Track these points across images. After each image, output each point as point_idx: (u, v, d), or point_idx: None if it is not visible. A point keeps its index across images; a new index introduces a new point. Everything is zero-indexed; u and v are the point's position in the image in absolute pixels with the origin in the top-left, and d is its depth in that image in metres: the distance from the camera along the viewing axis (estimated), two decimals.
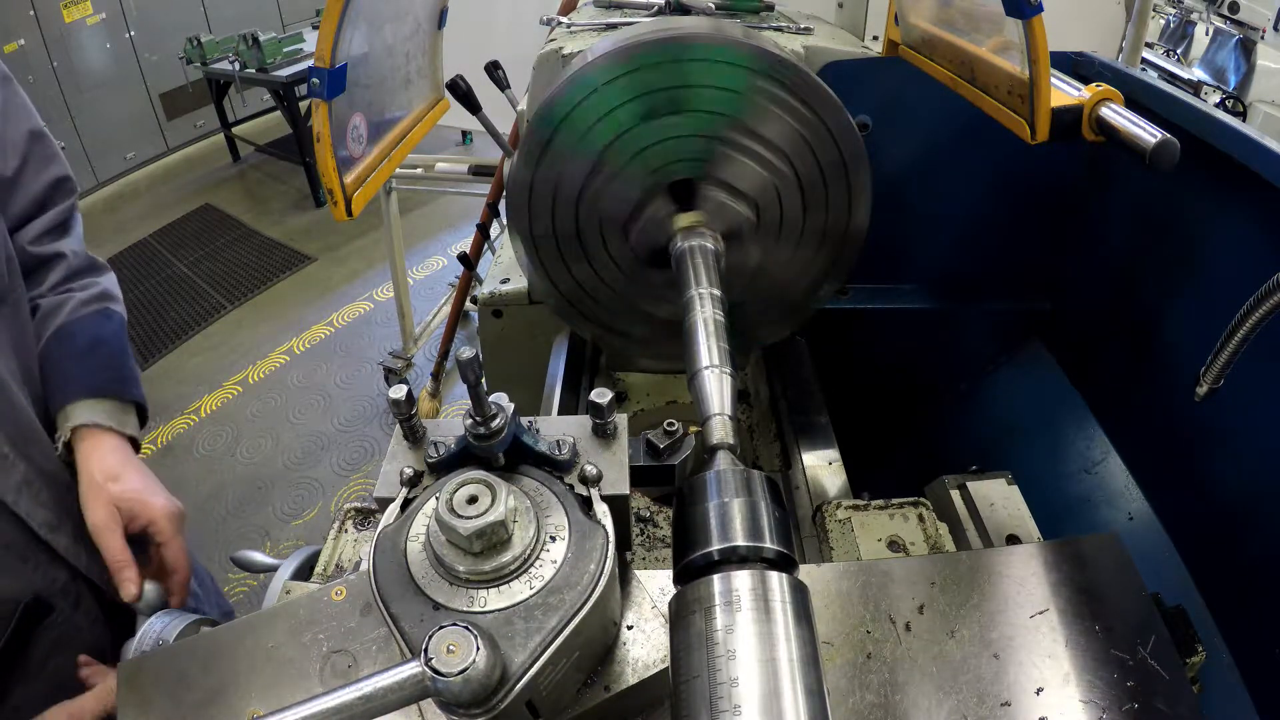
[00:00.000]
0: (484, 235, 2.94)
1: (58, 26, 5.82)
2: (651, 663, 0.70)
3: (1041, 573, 0.83)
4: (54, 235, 1.15)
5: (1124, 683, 0.73)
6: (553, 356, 1.56)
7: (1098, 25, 2.59)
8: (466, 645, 0.51)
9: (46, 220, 1.13)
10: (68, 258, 1.15)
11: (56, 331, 1.09)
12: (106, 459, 1.04)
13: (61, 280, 1.14)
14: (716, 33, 1.08)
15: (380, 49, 1.21)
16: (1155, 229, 1.47)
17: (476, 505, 0.60)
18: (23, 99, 1.11)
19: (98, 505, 1.00)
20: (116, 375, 1.11)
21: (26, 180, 1.10)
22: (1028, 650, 0.77)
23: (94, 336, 1.11)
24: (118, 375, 1.11)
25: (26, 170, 1.10)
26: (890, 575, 0.85)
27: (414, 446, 0.73)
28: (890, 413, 1.94)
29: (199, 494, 3.59)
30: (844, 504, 1.12)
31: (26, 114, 1.11)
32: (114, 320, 1.16)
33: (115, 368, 1.11)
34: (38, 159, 1.12)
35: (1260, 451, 1.22)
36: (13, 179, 1.08)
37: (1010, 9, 0.97)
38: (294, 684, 0.72)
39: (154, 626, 0.87)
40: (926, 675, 0.76)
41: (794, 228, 1.21)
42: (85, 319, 1.12)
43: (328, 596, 0.77)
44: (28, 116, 1.11)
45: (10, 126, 1.08)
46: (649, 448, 0.79)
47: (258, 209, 6.35)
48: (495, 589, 0.61)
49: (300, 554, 1.01)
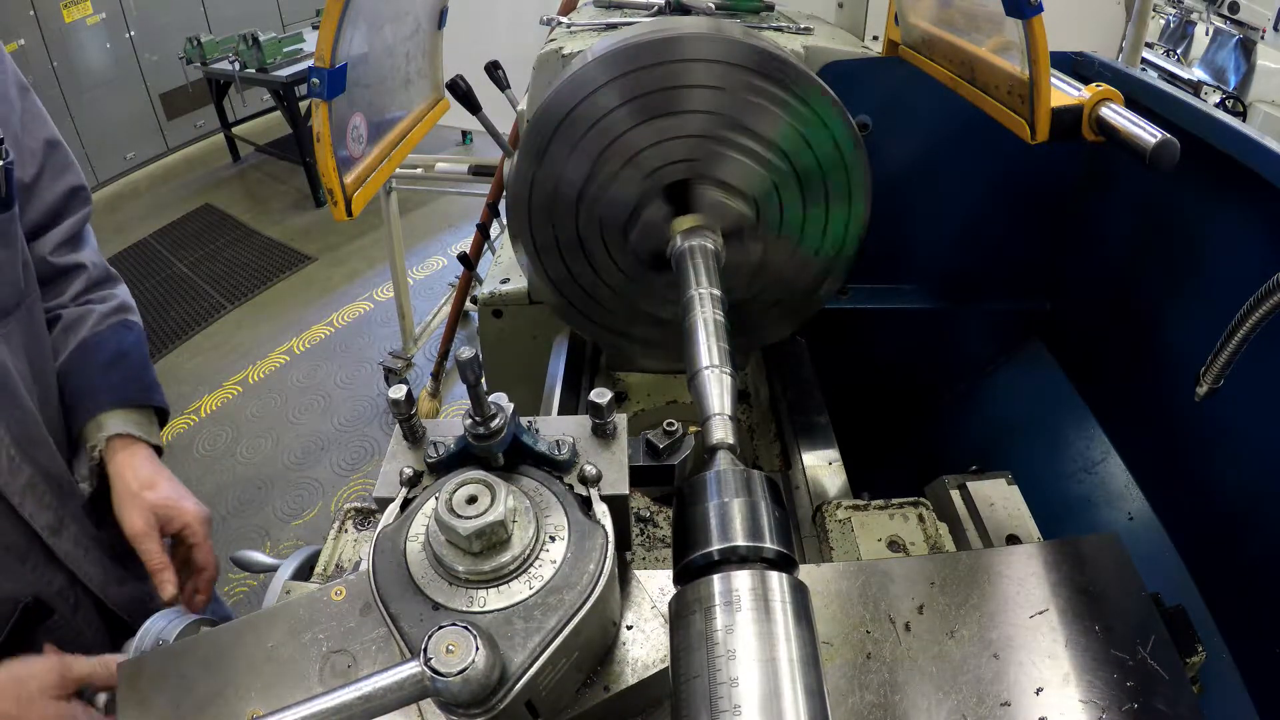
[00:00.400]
0: (484, 235, 2.94)
1: (58, 26, 5.83)
2: (651, 663, 0.70)
3: (1041, 573, 0.83)
4: (71, 246, 1.17)
5: (1124, 683, 0.73)
6: (553, 356, 1.56)
7: (1098, 25, 2.59)
8: (466, 645, 0.51)
9: (63, 230, 1.16)
10: (88, 269, 1.18)
11: (81, 345, 1.12)
12: (141, 468, 1.08)
13: (82, 291, 1.17)
14: (706, 31, 1.08)
15: (380, 49, 1.21)
16: (1155, 229, 1.48)
17: (476, 505, 0.60)
18: (40, 108, 1.13)
19: (135, 513, 1.04)
20: (141, 385, 1.15)
21: (43, 188, 1.12)
22: (1027, 650, 0.77)
23: (117, 349, 1.15)
24: (142, 385, 1.16)
25: (43, 178, 1.12)
26: (890, 575, 0.85)
27: (414, 446, 0.73)
28: (890, 412, 1.94)
29: (199, 494, 3.51)
30: (844, 504, 1.12)
31: (43, 123, 1.13)
32: (134, 331, 1.20)
33: (139, 378, 1.16)
34: (54, 167, 1.14)
35: (1260, 451, 1.22)
36: (30, 185, 1.10)
37: (1010, 9, 0.97)
38: (294, 684, 0.72)
39: (155, 626, 0.87)
40: (926, 675, 0.75)
41: (794, 222, 1.21)
42: (107, 332, 1.15)
43: (327, 596, 0.77)
44: (44, 125, 1.13)
45: (28, 135, 1.09)
46: (649, 448, 0.79)
47: (258, 209, 6.35)
48: (495, 589, 0.61)
49: (300, 554, 1.02)
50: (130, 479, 1.06)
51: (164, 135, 6.99)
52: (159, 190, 6.74)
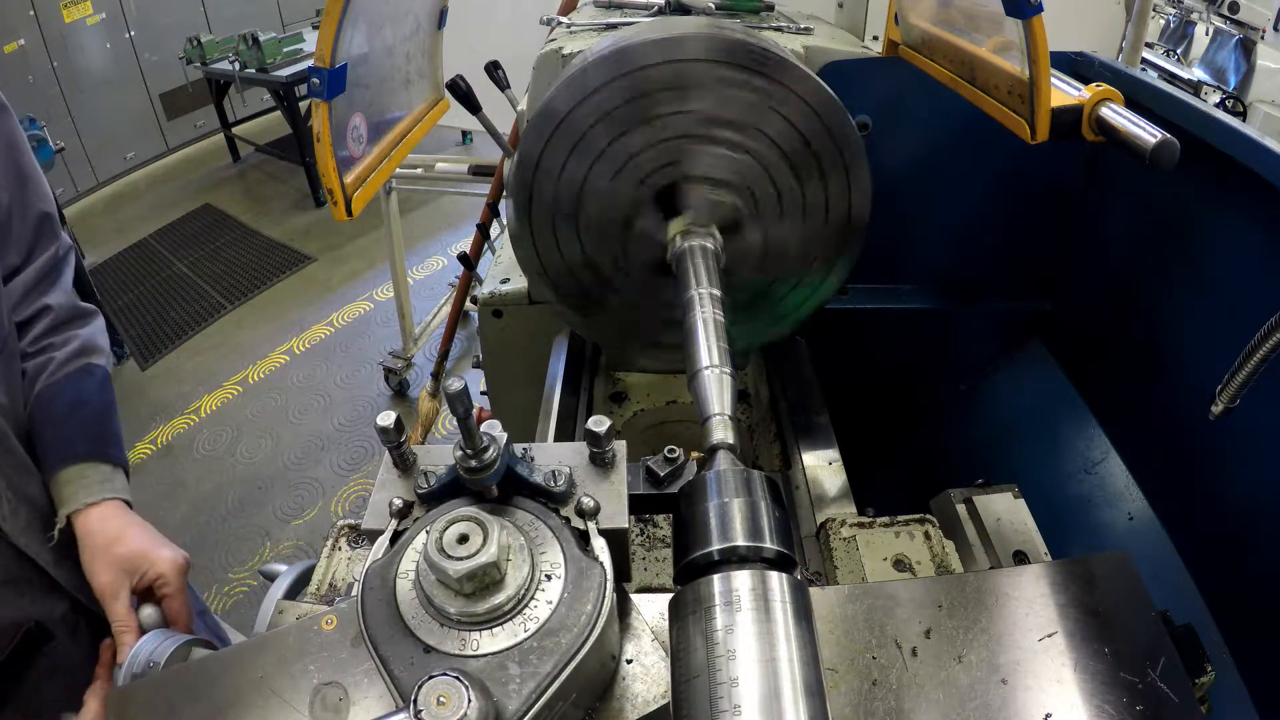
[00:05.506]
0: (484, 235, 2.93)
1: (58, 26, 5.81)
2: (652, 698, 0.67)
3: (1049, 594, 0.81)
4: (40, 290, 1.12)
5: (1133, 706, 0.72)
6: (553, 356, 1.56)
7: (1098, 25, 2.59)
8: (457, 697, 0.50)
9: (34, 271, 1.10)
10: (53, 310, 1.12)
11: (37, 397, 1.07)
12: (107, 523, 1.03)
13: (43, 334, 1.11)
14: (659, 34, 1.08)
15: (380, 49, 1.21)
16: (1155, 229, 1.47)
17: (467, 545, 0.57)
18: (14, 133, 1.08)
19: (103, 570, 1.00)
20: (98, 436, 1.08)
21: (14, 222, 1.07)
22: (1035, 675, 0.75)
23: (74, 398, 1.08)
24: (99, 436, 1.08)
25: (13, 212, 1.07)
26: (896, 598, 0.83)
27: (404, 475, 0.71)
28: (890, 413, 1.94)
29: (199, 494, 3.59)
30: (849, 521, 1.11)
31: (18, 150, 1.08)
32: (95, 376, 1.13)
33: (95, 430, 1.09)
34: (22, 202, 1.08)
35: (1260, 451, 1.22)
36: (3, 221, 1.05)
37: (1010, 9, 0.96)
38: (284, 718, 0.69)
39: (145, 647, 0.85)
40: (933, 702, 0.74)
41: (794, 202, 1.19)
42: (63, 381, 1.09)
43: (318, 625, 0.74)
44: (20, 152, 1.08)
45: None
46: (649, 475, 0.76)
47: (258, 209, 6.35)
48: (488, 631, 0.58)
49: (292, 572, 1.01)
50: (97, 539, 1.02)
51: (164, 135, 6.98)
52: (159, 190, 6.73)
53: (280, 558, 3.25)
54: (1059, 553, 1.02)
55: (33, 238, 1.11)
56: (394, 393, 4.10)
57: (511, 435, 0.70)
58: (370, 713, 0.63)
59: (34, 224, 1.11)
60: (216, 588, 3.14)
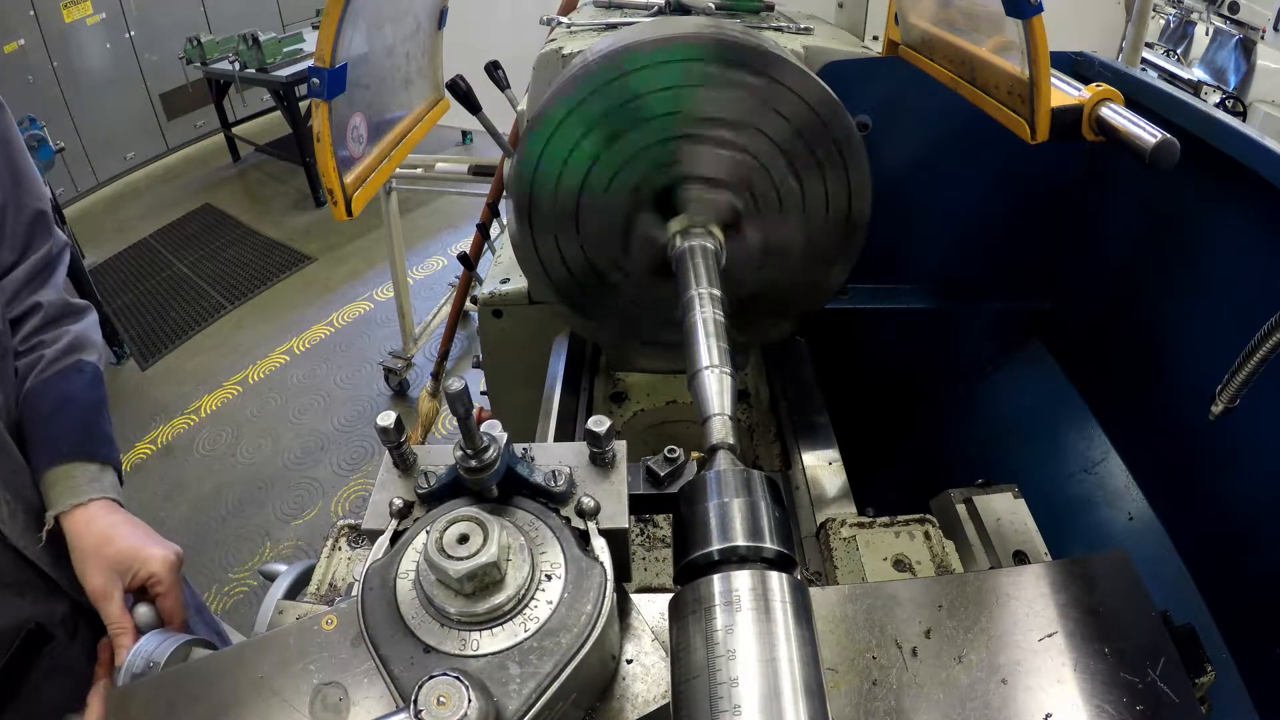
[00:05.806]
0: (484, 235, 2.93)
1: (58, 26, 5.81)
2: (652, 698, 0.67)
3: (1049, 594, 0.81)
4: (33, 287, 1.11)
5: (1134, 706, 0.72)
6: (553, 356, 1.56)
7: (1098, 25, 2.59)
8: (457, 697, 0.50)
9: (27, 269, 1.10)
10: (43, 308, 1.11)
11: (26, 395, 1.06)
12: (95, 523, 1.02)
13: (34, 331, 1.11)
14: (647, 37, 1.08)
15: (380, 49, 1.21)
16: (1155, 229, 1.47)
17: (467, 545, 0.58)
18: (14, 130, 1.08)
19: (94, 572, 0.99)
20: (85, 435, 1.07)
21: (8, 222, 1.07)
22: (1036, 675, 0.75)
23: (61, 396, 1.07)
24: (86, 435, 1.07)
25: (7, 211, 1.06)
26: (896, 599, 0.83)
27: (404, 475, 0.71)
28: (890, 413, 1.94)
29: (199, 494, 3.59)
30: (849, 521, 1.11)
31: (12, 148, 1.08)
32: (85, 373, 1.11)
33: (84, 428, 1.07)
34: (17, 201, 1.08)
35: (1260, 451, 1.22)
36: None
37: (1010, 9, 0.96)
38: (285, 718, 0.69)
39: (145, 647, 0.85)
40: (933, 703, 0.74)
41: (794, 198, 1.19)
42: (52, 379, 1.08)
43: (318, 625, 0.74)
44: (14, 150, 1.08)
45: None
46: (649, 475, 0.76)
47: (258, 209, 6.35)
48: (488, 631, 0.58)
49: (292, 572, 1.01)
50: (87, 540, 1.01)
51: (164, 135, 6.98)
52: (159, 190, 6.73)
53: (280, 558, 3.25)
54: (1059, 553, 1.02)
55: (27, 235, 1.11)
56: (394, 393, 4.10)
57: (511, 435, 0.70)
58: (370, 713, 0.63)
59: (28, 222, 1.11)
60: (216, 588, 3.14)
